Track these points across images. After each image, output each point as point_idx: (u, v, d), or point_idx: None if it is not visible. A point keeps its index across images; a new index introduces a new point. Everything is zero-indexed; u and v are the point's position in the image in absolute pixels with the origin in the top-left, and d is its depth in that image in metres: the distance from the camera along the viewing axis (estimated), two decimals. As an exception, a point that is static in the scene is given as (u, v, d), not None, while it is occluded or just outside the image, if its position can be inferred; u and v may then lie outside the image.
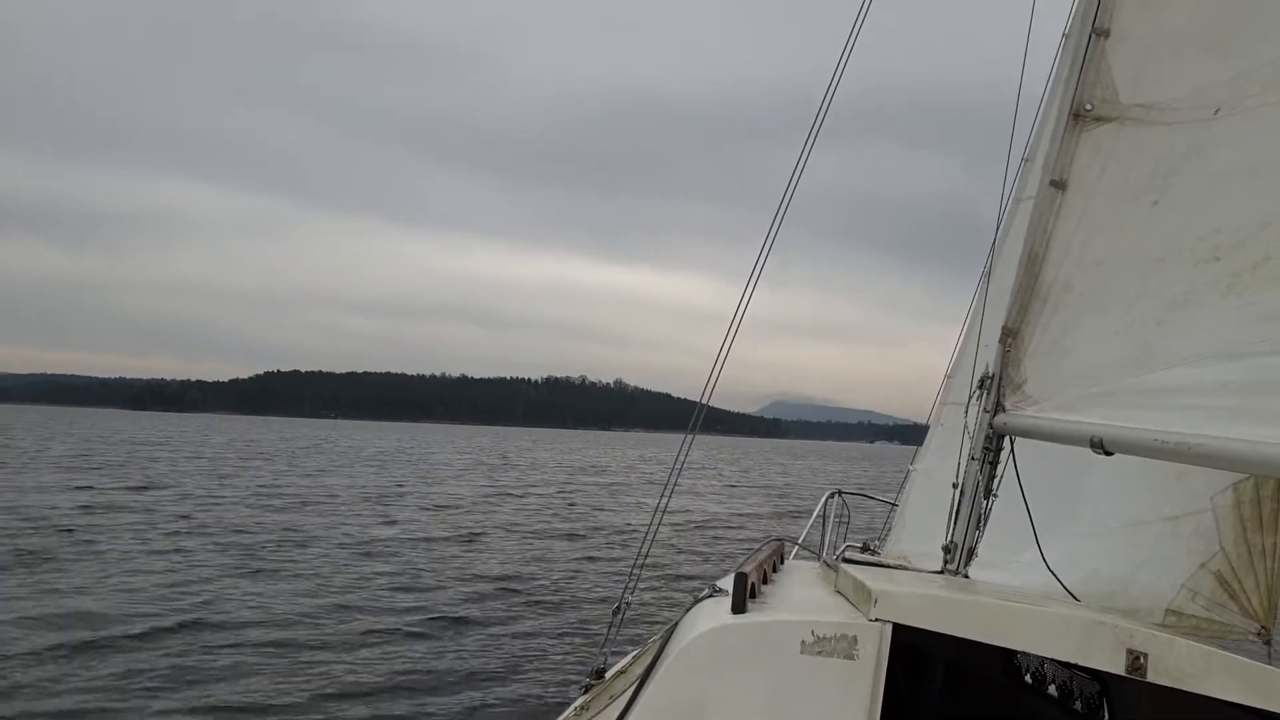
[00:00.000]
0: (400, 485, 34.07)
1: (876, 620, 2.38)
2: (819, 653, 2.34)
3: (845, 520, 6.13)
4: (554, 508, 27.91)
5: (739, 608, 2.51)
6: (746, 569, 2.71)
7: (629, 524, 23.66)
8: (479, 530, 21.12)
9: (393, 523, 22.03)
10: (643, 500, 31.27)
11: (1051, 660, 3.19)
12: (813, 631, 2.36)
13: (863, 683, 2.31)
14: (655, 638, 3.32)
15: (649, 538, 4.13)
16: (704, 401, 4.33)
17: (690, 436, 4.19)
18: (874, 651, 2.34)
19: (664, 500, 4.23)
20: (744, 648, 2.39)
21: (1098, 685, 3.27)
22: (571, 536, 20.98)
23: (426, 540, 19.04)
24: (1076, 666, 2.61)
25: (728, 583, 2.73)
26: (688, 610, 2.91)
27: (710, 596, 2.88)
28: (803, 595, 2.95)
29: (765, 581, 3.06)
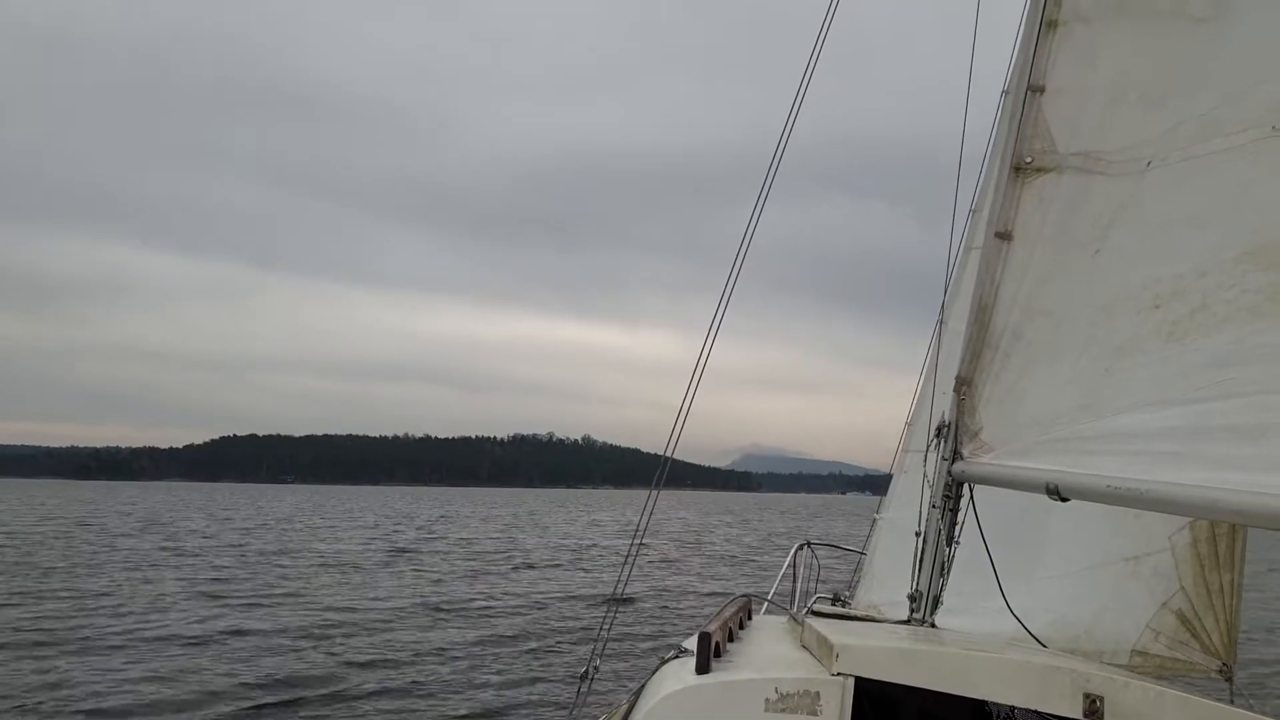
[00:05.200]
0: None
1: (839, 675, 2.39)
2: (783, 710, 2.34)
3: (816, 572, 6.13)
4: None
5: (703, 668, 2.51)
6: (710, 628, 2.71)
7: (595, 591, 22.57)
8: None
9: None
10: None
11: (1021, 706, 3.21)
12: (776, 689, 2.36)
13: None
14: (623, 701, 3.28)
15: (616, 598, 4.10)
16: (668, 454, 4.33)
17: (654, 493, 4.18)
18: (837, 707, 2.35)
19: (632, 553, 4.19)
20: (708, 709, 2.38)
21: None
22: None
23: None
24: (1057, 715, 2.63)
25: (693, 643, 2.71)
26: (654, 672, 2.88)
27: (676, 658, 2.86)
28: (768, 652, 2.95)
29: (731, 639, 3.04)
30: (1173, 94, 3.16)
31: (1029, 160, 3.36)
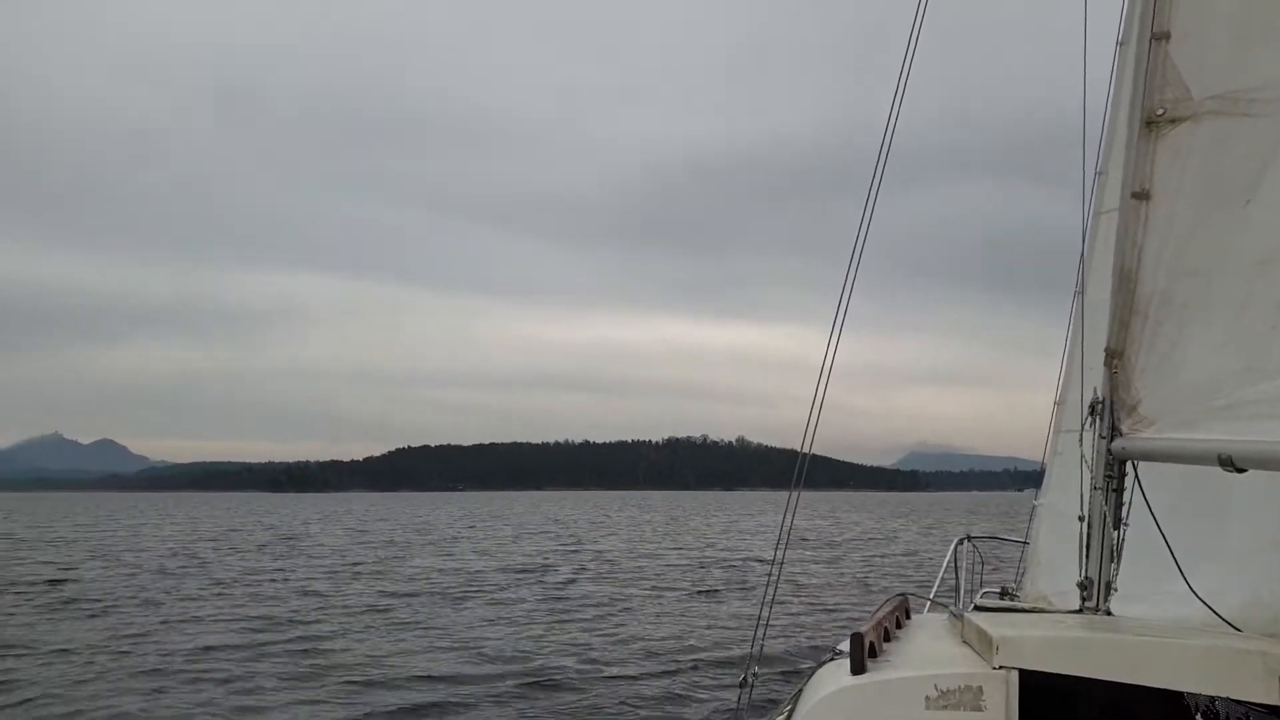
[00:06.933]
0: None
1: (1001, 668, 2.31)
2: (944, 706, 2.30)
3: (979, 566, 5.90)
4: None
5: (858, 668, 2.49)
6: (863, 629, 2.67)
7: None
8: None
9: None
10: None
11: (1224, 696, 3.00)
12: (935, 685, 2.32)
13: None
14: (783, 706, 3.28)
15: (767, 603, 4.08)
16: (804, 450, 4.28)
17: (795, 494, 4.14)
18: (1001, 701, 2.29)
19: (779, 552, 4.17)
20: (866, 709, 2.36)
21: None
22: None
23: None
24: (1253, 701, 2.44)
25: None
26: (811, 675, 2.88)
27: (833, 660, 2.84)
28: (927, 649, 2.89)
29: (888, 639, 2.99)
30: None
31: (1161, 112, 3.12)
